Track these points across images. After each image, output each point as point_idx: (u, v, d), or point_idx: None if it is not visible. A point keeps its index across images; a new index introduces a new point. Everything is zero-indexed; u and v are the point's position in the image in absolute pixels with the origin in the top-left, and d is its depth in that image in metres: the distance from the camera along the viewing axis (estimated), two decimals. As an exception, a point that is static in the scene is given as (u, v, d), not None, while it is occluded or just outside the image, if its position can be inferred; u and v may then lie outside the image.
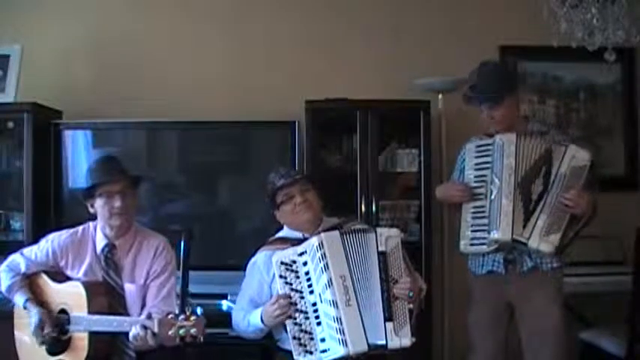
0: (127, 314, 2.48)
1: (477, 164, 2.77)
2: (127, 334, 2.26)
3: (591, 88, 4.04)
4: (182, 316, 2.10)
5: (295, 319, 2.39)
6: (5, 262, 2.61)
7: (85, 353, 2.39)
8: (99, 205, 2.51)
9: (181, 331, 2.08)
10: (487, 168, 2.73)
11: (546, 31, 2.97)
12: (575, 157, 2.67)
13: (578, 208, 2.62)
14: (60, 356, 2.46)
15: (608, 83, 4.05)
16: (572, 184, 2.64)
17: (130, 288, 2.52)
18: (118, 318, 2.34)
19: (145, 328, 2.17)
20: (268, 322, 2.44)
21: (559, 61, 3.93)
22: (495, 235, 2.66)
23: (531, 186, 2.67)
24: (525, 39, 3.81)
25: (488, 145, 2.74)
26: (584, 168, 2.67)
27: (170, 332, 2.09)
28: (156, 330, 2.13)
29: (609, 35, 2.90)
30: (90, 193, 2.52)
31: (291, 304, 2.38)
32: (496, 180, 2.68)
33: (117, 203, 2.48)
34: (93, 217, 2.60)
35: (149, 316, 2.20)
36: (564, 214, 2.64)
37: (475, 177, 2.76)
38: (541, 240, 2.63)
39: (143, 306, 2.51)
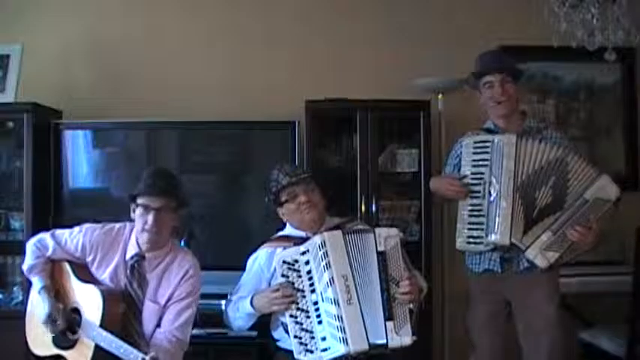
0: (141, 328, 2.46)
1: (474, 160, 2.73)
2: None
3: (591, 88, 4.04)
4: None
5: (296, 317, 2.40)
6: (34, 239, 2.58)
7: None
8: (137, 214, 2.48)
9: None
10: (485, 165, 2.69)
11: (546, 31, 2.97)
12: (603, 188, 2.60)
13: (583, 244, 2.59)
14: (64, 352, 2.46)
15: (608, 83, 4.05)
16: (590, 214, 2.59)
17: (149, 305, 2.48)
18: (125, 346, 2.30)
19: None
20: (261, 307, 2.46)
21: (559, 61, 3.93)
22: (493, 238, 2.64)
23: (535, 192, 2.62)
24: (525, 39, 3.81)
25: (487, 142, 2.71)
26: (607, 203, 2.60)
27: None
28: None
29: (609, 35, 2.90)
30: (134, 198, 2.48)
31: (293, 301, 2.40)
32: (494, 181, 2.65)
33: (150, 220, 2.43)
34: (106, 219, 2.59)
35: (156, 358, 2.19)
36: (567, 240, 2.61)
37: (472, 173, 2.72)
38: (539, 253, 2.60)
39: (158, 325, 2.49)
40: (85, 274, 2.53)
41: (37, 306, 2.50)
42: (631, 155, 4.07)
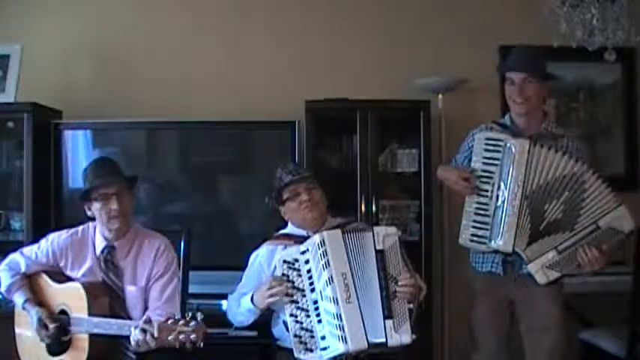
0: (128, 316, 2.48)
1: (485, 158, 2.67)
2: (127, 337, 2.25)
3: (591, 88, 4.04)
4: (182, 322, 2.10)
5: (296, 316, 2.40)
6: (5, 261, 2.61)
7: (85, 354, 2.39)
8: (96, 208, 2.49)
9: (181, 337, 2.08)
10: (495, 165, 2.65)
11: (546, 31, 2.97)
12: (619, 219, 2.54)
13: (589, 267, 2.56)
14: (61, 356, 2.46)
15: (608, 83, 4.05)
16: (601, 241, 2.55)
17: (131, 290, 2.52)
18: (118, 321, 2.34)
19: (144, 331, 2.16)
20: (259, 303, 2.47)
21: (559, 61, 3.92)
22: (496, 244, 2.63)
23: (545, 204, 2.58)
24: (525, 39, 3.80)
25: (499, 141, 2.65)
26: (619, 234, 2.55)
27: (170, 337, 2.09)
28: (156, 334, 2.13)
29: (609, 35, 2.90)
30: (87, 196, 2.51)
31: (291, 299, 2.41)
32: (502, 186, 2.61)
33: (113, 206, 2.47)
34: (92, 218, 2.58)
35: (149, 321, 2.19)
36: (574, 261, 2.58)
37: (482, 171, 2.67)
38: (541, 269, 2.59)
39: (145, 308, 2.50)
40: (62, 278, 2.56)
41: (25, 323, 2.53)
42: (631, 155, 4.06)
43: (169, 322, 2.12)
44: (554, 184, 2.58)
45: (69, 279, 2.55)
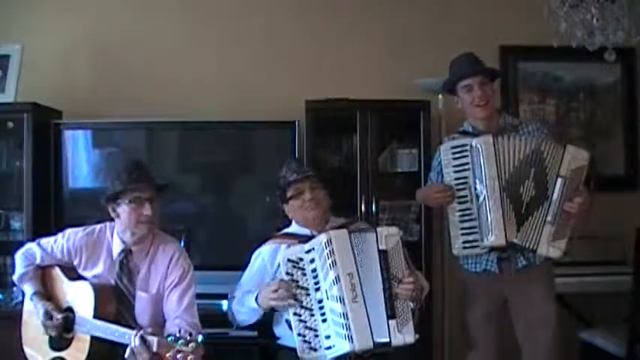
0: (135, 322, 2.47)
1: (455, 166, 2.74)
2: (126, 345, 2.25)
3: (591, 88, 4.04)
4: (182, 341, 2.10)
5: (300, 315, 2.41)
6: (22, 250, 2.61)
7: (85, 355, 2.40)
8: (124, 210, 2.47)
9: (179, 356, 2.08)
10: (467, 169, 2.71)
11: (546, 31, 2.97)
12: (574, 158, 2.65)
13: (582, 215, 2.63)
14: (61, 352, 2.47)
15: (608, 83, 4.05)
16: (574, 187, 2.63)
17: (142, 296, 2.50)
18: (120, 329, 2.32)
19: (144, 341, 2.17)
20: (263, 304, 2.47)
21: (559, 61, 3.94)
22: (489, 241, 2.66)
23: (520, 188, 2.66)
24: (525, 39, 3.82)
25: (465, 145, 2.72)
26: (583, 168, 2.66)
27: (168, 354, 2.10)
28: (154, 349, 2.14)
29: (609, 35, 2.90)
30: (116, 197, 2.47)
31: (294, 298, 2.41)
32: (479, 185, 2.67)
33: (146, 211, 2.45)
34: (105, 219, 2.58)
35: (152, 334, 2.20)
36: (568, 220, 2.64)
37: (456, 179, 2.74)
38: (549, 246, 2.63)
39: (158, 316, 2.49)
40: (74, 275, 2.56)
41: (31, 313, 2.53)
42: (631, 155, 4.07)
43: (169, 339, 2.11)
44: (521, 167, 2.66)
45: (81, 277, 2.54)
